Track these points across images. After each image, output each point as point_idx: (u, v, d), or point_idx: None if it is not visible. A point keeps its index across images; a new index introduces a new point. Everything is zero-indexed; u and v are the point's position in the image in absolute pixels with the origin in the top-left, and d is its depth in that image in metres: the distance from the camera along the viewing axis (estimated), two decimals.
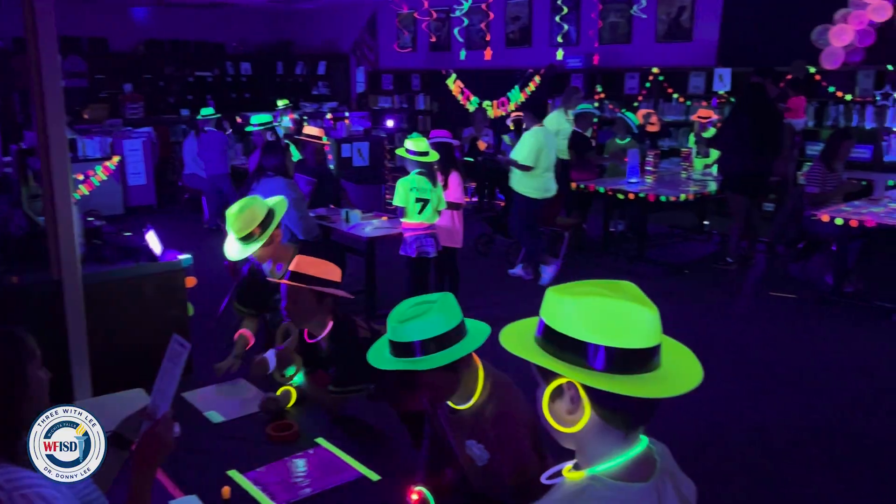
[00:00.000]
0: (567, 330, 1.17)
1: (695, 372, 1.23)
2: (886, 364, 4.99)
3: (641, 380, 1.15)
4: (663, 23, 10.29)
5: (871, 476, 3.64)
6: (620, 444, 1.21)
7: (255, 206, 3.22)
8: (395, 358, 1.99)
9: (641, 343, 1.16)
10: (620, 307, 1.16)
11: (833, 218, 5.97)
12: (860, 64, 8.35)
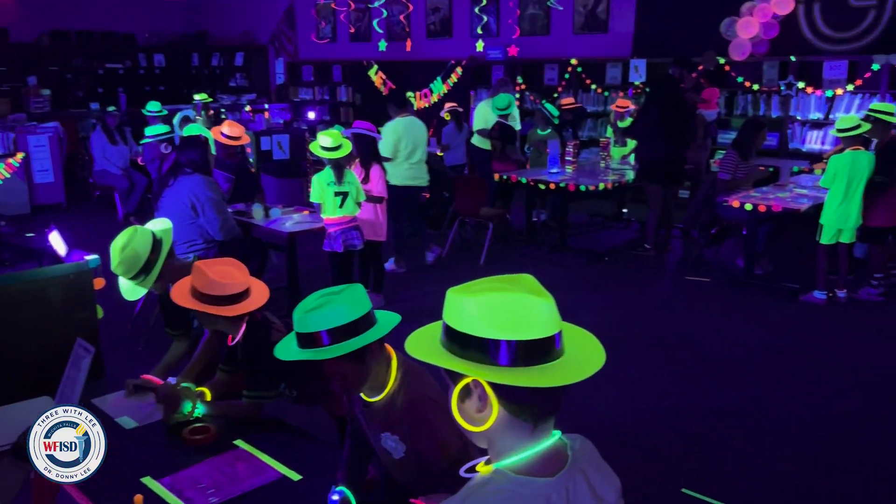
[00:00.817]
0: (468, 328, 1.18)
1: (597, 356, 1.26)
2: (794, 342, 5.24)
3: (545, 369, 1.17)
4: (580, 14, 10.47)
5: (786, 450, 3.82)
6: (529, 438, 1.21)
7: (136, 246, 2.92)
8: (301, 349, 1.96)
9: (540, 333, 1.18)
10: (516, 300, 1.18)
11: (743, 204, 6.23)
12: (766, 55, 8.71)
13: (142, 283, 2.97)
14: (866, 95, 8.10)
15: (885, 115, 5.68)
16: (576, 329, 1.33)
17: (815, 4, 8.40)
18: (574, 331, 1.32)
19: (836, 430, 4.00)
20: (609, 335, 5.26)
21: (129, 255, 2.91)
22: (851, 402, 4.33)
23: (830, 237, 5.76)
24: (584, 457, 1.27)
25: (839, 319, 5.66)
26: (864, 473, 3.58)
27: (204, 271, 2.60)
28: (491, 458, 1.24)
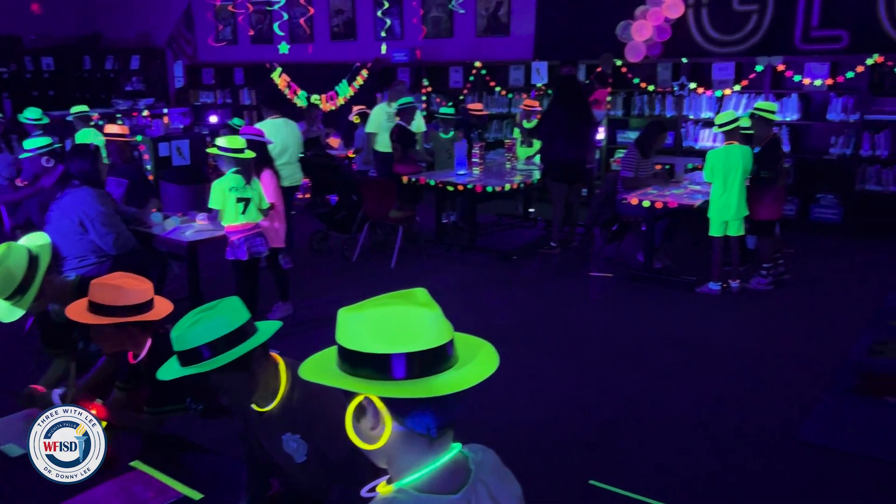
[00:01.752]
0: (358, 346, 1.18)
1: (490, 361, 1.27)
2: (691, 332, 5.48)
3: (436, 380, 1.18)
4: (482, 17, 10.62)
5: (686, 436, 3.99)
6: (427, 453, 1.21)
7: (10, 264, 2.74)
8: (184, 367, 1.94)
9: (430, 343, 1.18)
10: (403, 313, 1.19)
11: (641, 201, 6.46)
12: (659, 57, 9.09)
13: (18, 304, 2.79)
14: (751, 95, 8.57)
15: (767, 114, 6.03)
16: (469, 337, 1.34)
17: (703, 9, 8.83)
18: (468, 339, 1.33)
19: (731, 414, 4.21)
20: (518, 331, 5.39)
21: (2, 274, 2.73)
22: (742, 387, 4.56)
23: (718, 229, 6.05)
24: (485, 468, 1.27)
25: (732, 309, 5.95)
26: (756, 454, 3.78)
27: (104, 284, 2.50)
28: (391, 476, 1.24)
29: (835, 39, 8.09)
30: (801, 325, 5.57)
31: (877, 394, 4.36)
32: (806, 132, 8.56)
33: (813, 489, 3.47)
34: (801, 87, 8.26)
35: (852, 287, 6.41)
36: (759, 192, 6.04)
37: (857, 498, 3.39)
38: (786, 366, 4.84)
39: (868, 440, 3.86)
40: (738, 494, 3.45)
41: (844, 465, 3.66)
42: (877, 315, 5.66)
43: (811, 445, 3.84)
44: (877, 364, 4.78)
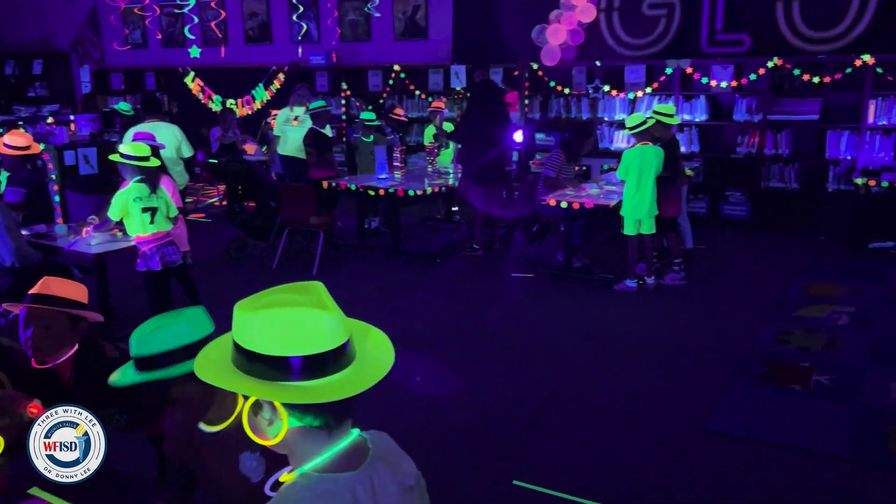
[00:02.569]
0: (253, 346, 1.19)
1: (387, 355, 1.32)
2: (611, 329, 5.61)
3: (331, 382, 1.20)
4: (400, 21, 10.61)
5: (609, 431, 4.07)
6: (326, 441, 1.25)
7: None
8: (143, 372, 1.87)
9: (325, 346, 1.20)
10: (300, 315, 1.20)
11: (559, 202, 6.58)
12: (574, 60, 9.28)
13: None
14: (662, 97, 8.85)
15: (665, 116, 6.28)
16: (370, 331, 1.37)
17: (615, 13, 9.06)
18: (368, 333, 1.36)
19: (647, 407, 4.32)
20: (440, 334, 5.38)
21: None
22: (658, 380, 4.69)
23: (631, 228, 6.22)
24: (383, 448, 1.33)
25: (648, 305, 6.13)
26: (671, 445, 3.89)
27: (52, 278, 2.54)
28: (293, 466, 1.27)
29: (738, 43, 8.45)
30: (712, 318, 5.78)
31: (782, 382, 4.56)
32: (714, 132, 8.90)
33: (723, 477, 3.59)
34: (708, 88, 8.58)
35: (760, 280, 6.69)
36: (661, 191, 6.25)
37: (765, 484, 3.53)
38: (698, 358, 5.00)
39: (774, 427, 4.03)
40: (654, 485, 3.54)
41: (753, 452, 3.80)
42: (782, 305, 5.93)
43: (722, 435, 3.98)
44: (782, 353, 5.01)
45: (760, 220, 8.47)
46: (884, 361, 4.80)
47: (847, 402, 4.27)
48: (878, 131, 7.87)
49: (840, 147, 8.05)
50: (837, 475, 3.56)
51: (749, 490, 3.47)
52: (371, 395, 1.26)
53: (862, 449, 3.77)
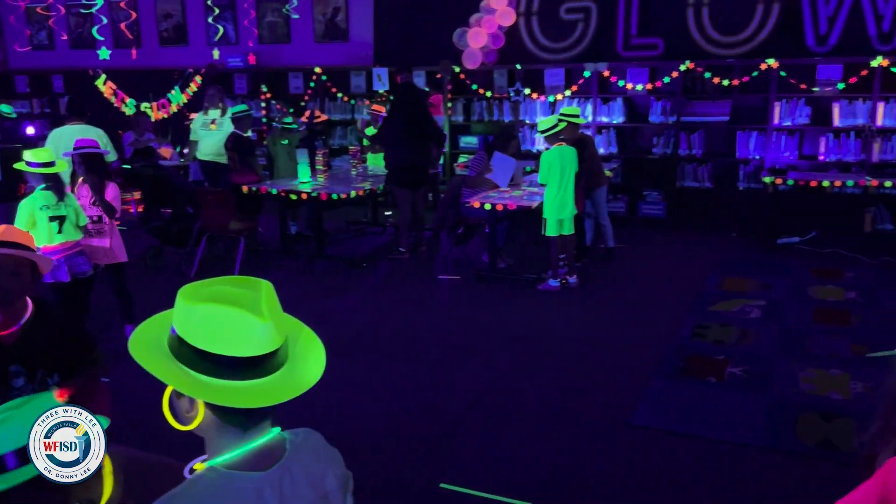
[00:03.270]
0: (187, 336, 1.21)
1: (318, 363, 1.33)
2: (535, 328, 5.67)
3: (255, 386, 1.21)
4: (320, 23, 10.49)
5: (535, 429, 4.10)
6: (240, 437, 1.25)
7: None
8: None
9: (254, 351, 1.22)
10: (237, 317, 1.21)
11: (483, 204, 6.63)
12: (495, 64, 9.38)
13: None
14: (581, 99, 9.04)
15: (572, 118, 6.48)
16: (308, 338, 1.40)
17: (534, 17, 9.20)
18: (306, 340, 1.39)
19: (572, 404, 4.38)
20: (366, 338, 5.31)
21: None
22: (582, 377, 4.77)
23: (553, 229, 6.33)
24: (302, 449, 1.31)
25: (571, 303, 6.23)
26: (596, 440, 3.96)
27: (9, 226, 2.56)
28: (208, 455, 1.27)
29: (652, 47, 8.71)
30: (632, 314, 5.93)
31: (699, 375, 4.71)
32: (631, 134, 9.15)
33: (646, 470, 3.68)
34: (625, 91, 8.81)
35: (677, 276, 6.91)
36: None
37: (685, 474, 3.63)
38: (620, 353, 5.12)
39: (693, 419, 4.16)
40: (581, 481, 3.59)
41: (673, 444, 3.91)
42: (698, 301, 6.14)
43: (644, 428, 4.08)
44: (699, 347, 5.18)
45: (676, 218, 8.75)
46: (792, 352, 5.03)
47: (759, 393, 4.45)
48: (784, 131, 8.26)
49: (749, 147, 8.41)
50: (752, 463, 3.70)
51: (670, 481, 3.57)
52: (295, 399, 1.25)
53: (774, 437, 3.93)
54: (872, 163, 7.81)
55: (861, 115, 7.87)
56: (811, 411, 4.15)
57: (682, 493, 3.48)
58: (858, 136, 7.87)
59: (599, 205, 7.25)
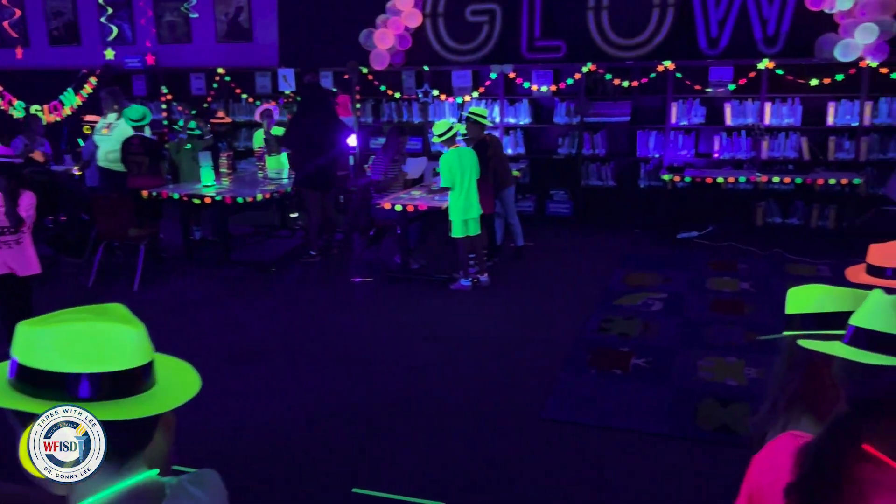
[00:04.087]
0: (43, 364, 1.08)
1: (190, 387, 1.20)
2: (448, 327, 5.70)
3: (131, 402, 1.11)
4: (222, 23, 10.22)
5: (448, 429, 4.12)
6: (110, 478, 1.14)
7: None
8: None
9: (126, 364, 1.11)
10: (100, 329, 1.10)
11: (393, 205, 6.62)
12: (403, 65, 9.38)
13: None
14: (489, 101, 9.16)
15: (478, 117, 6.62)
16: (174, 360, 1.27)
17: (440, 19, 9.25)
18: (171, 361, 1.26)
19: (485, 402, 4.43)
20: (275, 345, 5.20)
21: None
22: (494, 374, 4.83)
23: (459, 230, 6.38)
24: (189, 495, 1.18)
25: (483, 302, 6.30)
26: (509, 436, 4.02)
27: None
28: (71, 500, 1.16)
29: (555, 49, 8.92)
30: (542, 310, 6.05)
31: (605, 367, 4.86)
32: (538, 134, 9.33)
33: (557, 463, 3.76)
34: (530, 93, 8.98)
35: (584, 273, 7.10)
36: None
37: (594, 465, 3.73)
38: (531, 349, 5.21)
39: (600, 411, 4.28)
40: (494, 477, 3.63)
41: (581, 435, 4.01)
42: (604, 296, 6.33)
43: (555, 422, 4.17)
44: (604, 340, 5.33)
45: (582, 216, 8.99)
46: (691, 342, 5.25)
47: (662, 382, 4.63)
48: (681, 131, 8.62)
49: (649, 146, 8.73)
50: (655, 450, 3.84)
51: (580, 471, 3.66)
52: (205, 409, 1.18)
53: (675, 424, 4.09)
54: (762, 159, 8.26)
55: (751, 115, 8.30)
56: (710, 398, 4.34)
57: (590, 483, 3.58)
58: (749, 134, 8.30)
59: (508, 204, 7.36)
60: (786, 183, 8.03)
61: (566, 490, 3.53)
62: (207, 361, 5.08)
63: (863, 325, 1.30)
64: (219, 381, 4.66)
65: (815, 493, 1.21)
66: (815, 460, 1.22)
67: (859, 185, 7.60)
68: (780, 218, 8.41)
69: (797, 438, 1.33)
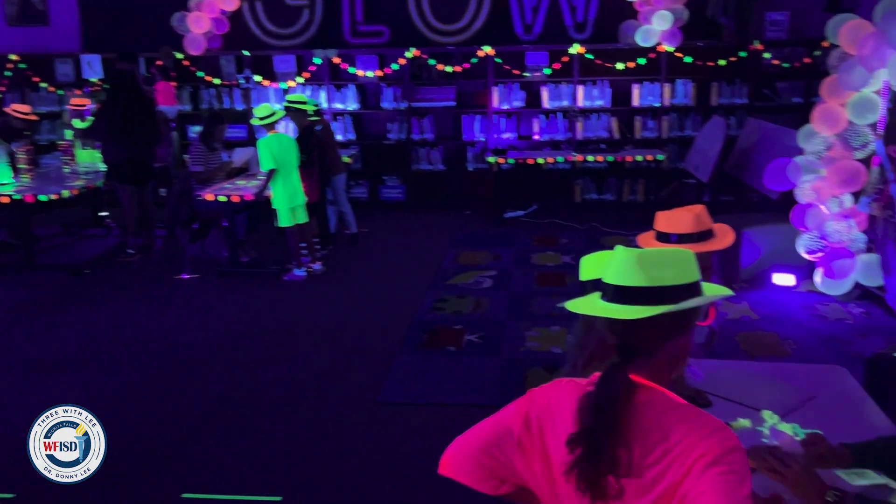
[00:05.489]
0: None
1: None
2: (284, 320, 5.56)
3: None
4: (14, 5, 9.27)
5: (283, 422, 4.02)
6: None
7: None
8: None
9: None
10: None
11: (217, 196, 6.34)
12: (221, 50, 8.98)
13: None
14: (315, 86, 9.01)
15: (298, 104, 6.54)
16: None
17: (258, 2, 8.95)
18: None
19: (323, 391, 4.38)
20: (98, 349, 4.85)
21: None
22: (331, 362, 4.79)
23: (287, 219, 6.25)
24: None
25: (318, 291, 6.21)
26: (346, 423, 4.00)
27: None
28: None
29: (378, 34, 8.91)
30: (378, 294, 6.06)
31: (440, 346, 4.96)
32: (367, 120, 9.30)
33: (395, 445, 3.80)
34: (356, 78, 8.92)
35: (418, 255, 7.19)
36: (303, 176, 6.40)
37: (429, 442, 3.80)
38: (369, 334, 5.21)
39: (435, 389, 4.38)
40: (331, 465, 3.61)
41: (418, 415, 4.08)
42: (438, 276, 6.45)
43: (391, 404, 4.20)
44: (439, 319, 5.45)
45: (415, 200, 9.10)
46: (519, 315, 5.49)
47: (493, 355, 4.80)
48: (503, 114, 8.93)
49: (474, 130, 8.97)
50: None
51: (416, 450, 3.71)
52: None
53: (506, 394, 4.24)
54: (577, 140, 8.76)
55: (566, 98, 8.76)
56: (537, 366, 4.57)
57: (427, 460, 3.62)
58: (565, 116, 8.77)
59: (339, 192, 7.28)
60: (599, 161, 8.58)
61: (400, 469, 3.57)
62: (3, 375, 4.64)
63: (613, 281, 1.40)
64: (19, 394, 4.26)
65: (596, 442, 1.30)
66: (595, 413, 1.32)
67: (662, 160, 8.28)
68: (595, 194, 8.98)
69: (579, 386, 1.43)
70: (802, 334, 5.03)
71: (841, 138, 5.36)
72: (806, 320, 5.29)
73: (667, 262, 1.37)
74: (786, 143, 6.22)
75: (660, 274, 1.35)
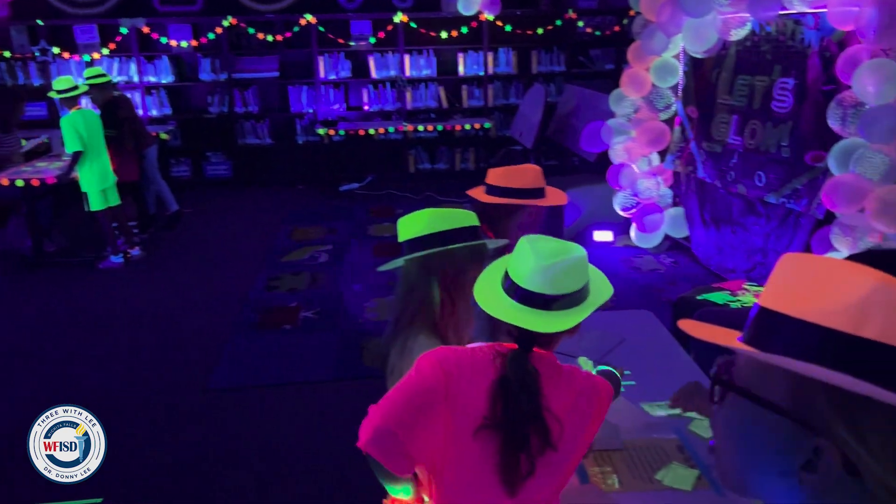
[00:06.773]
0: None
1: None
2: (102, 311, 5.15)
3: None
4: None
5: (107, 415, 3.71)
6: None
7: None
8: None
9: None
10: None
11: (13, 180, 5.72)
12: (10, 19, 8.07)
13: None
14: (122, 58, 8.34)
15: (97, 79, 6.13)
16: None
17: None
18: None
19: (150, 381, 4.11)
20: None
21: None
22: (158, 351, 4.50)
23: (98, 202, 5.78)
24: None
25: (138, 277, 5.81)
26: (173, 414, 3.78)
27: None
28: None
29: (190, 2, 8.38)
30: (206, 277, 5.77)
31: (275, 325, 4.81)
32: (184, 93, 8.76)
33: (230, 431, 3.64)
34: (169, 49, 8.36)
35: (248, 234, 6.92)
36: (113, 154, 5.97)
37: (266, 424, 3.68)
38: (198, 319, 4.95)
39: (271, 369, 4.24)
40: (156, 461, 3.40)
41: (253, 398, 3.93)
42: (270, 254, 6.24)
43: (222, 390, 4.02)
44: (273, 298, 5.28)
45: (243, 176, 8.74)
46: (357, 287, 5.44)
47: (330, 330, 4.73)
48: (330, 85, 8.74)
49: (302, 101, 8.72)
50: (326, 396, 3.91)
51: (251, 435, 3.57)
52: None
53: (343, 368, 4.21)
54: (407, 110, 8.76)
55: (393, 67, 8.72)
56: (374, 337, 4.54)
57: (262, 443, 3.52)
58: (393, 86, 8.73)
59: (151, 166, 6.79)
60: (429, 131, 8.64)
61: (238, 454, 3.43)
62: None
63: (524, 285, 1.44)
64: None
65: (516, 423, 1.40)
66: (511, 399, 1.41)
67: (489, 128, 8.48)
68: (429, 164, 9.06)
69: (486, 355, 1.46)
70: (621, 286, 5.37)
71: (647, 101, 5.73)
72: (624, 272, 5.66)
73: (571, 270, 1.43)
74: (599, 108, 6.57)
75: (567, 283, 1.42)
